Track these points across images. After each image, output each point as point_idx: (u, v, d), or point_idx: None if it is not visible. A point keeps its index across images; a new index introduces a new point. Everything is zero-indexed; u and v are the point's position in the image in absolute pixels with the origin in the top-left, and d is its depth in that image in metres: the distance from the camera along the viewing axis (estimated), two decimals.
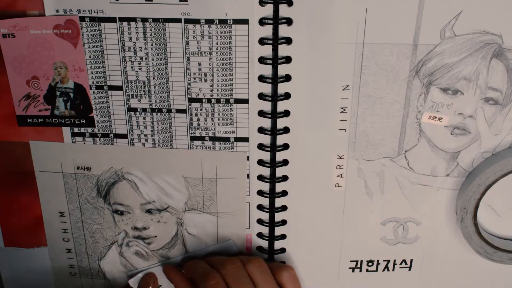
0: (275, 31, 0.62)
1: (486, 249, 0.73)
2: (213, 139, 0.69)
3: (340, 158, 0.69)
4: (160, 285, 0.75)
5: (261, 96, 0.66)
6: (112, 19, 0.63)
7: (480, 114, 0.66)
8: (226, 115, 0.67)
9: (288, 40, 0.63)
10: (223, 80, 0.65)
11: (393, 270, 0.77)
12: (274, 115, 0.66)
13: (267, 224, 0.73)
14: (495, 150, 0.68)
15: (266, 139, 0.68)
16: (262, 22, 0.62)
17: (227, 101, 0.66)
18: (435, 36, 0.63)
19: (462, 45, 0.63)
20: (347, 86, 0.65)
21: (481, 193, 0.69)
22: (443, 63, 0.64)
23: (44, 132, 0.70)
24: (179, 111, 0.68)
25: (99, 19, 0.63)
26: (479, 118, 0.66)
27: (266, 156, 0.69)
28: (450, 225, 0.74)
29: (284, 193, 0.71)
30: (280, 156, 0.69)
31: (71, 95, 0.66)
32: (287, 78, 0.65)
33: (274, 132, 0.67)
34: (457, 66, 0.64)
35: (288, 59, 0.64)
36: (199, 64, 0.65)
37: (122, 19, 0.63)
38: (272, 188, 0.71)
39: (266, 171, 0.70)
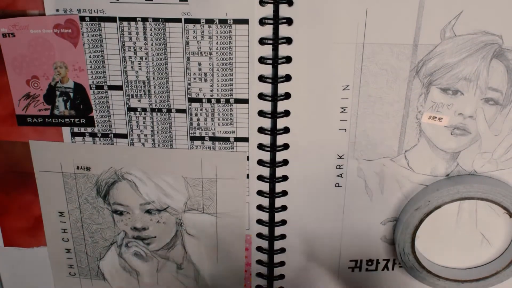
0: (275, 31, 0.62)
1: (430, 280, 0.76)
2: (213, 139, 0.68)
3: (340, 158, 0.69)
4: None
5: (261, 96, 0.65)
6: (112, 19, 0.63)
7: (480, 114, 0.66)
8: (226, 115, 0.67)
9: (288, 40, 0.62)
10: (223, 80, 0.65)
11: (393, 269, 0.77)
12: (274, 115, 0.66)
13: (267, 224, 0.73)
14: (494, 150, 0.68)
15: (266, 139, 0.68)
16: (262, 22, 0.62)
17: (227, 101, 0.66)
18: (435, 36, 0.63)
19: (462, 45, 0.63)
20: (347, 86, 0.65)
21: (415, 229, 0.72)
22: (443, 63, 0.64)
23: (44, 131, 0.69)
24: (179, 111, 0.68)
25: (99, 18, 0.63)
26: (479, 118, 0.66)
27: (266, 156, 0.69)
28: (448, 224, 0.74)
29: (284, 193, 0.71)
30: (280, 156, 0.69)
31: (71, 94, 0.65)
32: (287, 78, 0.64)
33: (274, 132, 0.67)
34: (457, 66, 0.64)
35: (288, 59, 0.63)
36: (199, 64, 0.64)
37: (122, 19, 0.63)
38: (272, 188, 0.71)
39: (266, 171, 0.70)
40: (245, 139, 0.68)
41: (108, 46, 0.65)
